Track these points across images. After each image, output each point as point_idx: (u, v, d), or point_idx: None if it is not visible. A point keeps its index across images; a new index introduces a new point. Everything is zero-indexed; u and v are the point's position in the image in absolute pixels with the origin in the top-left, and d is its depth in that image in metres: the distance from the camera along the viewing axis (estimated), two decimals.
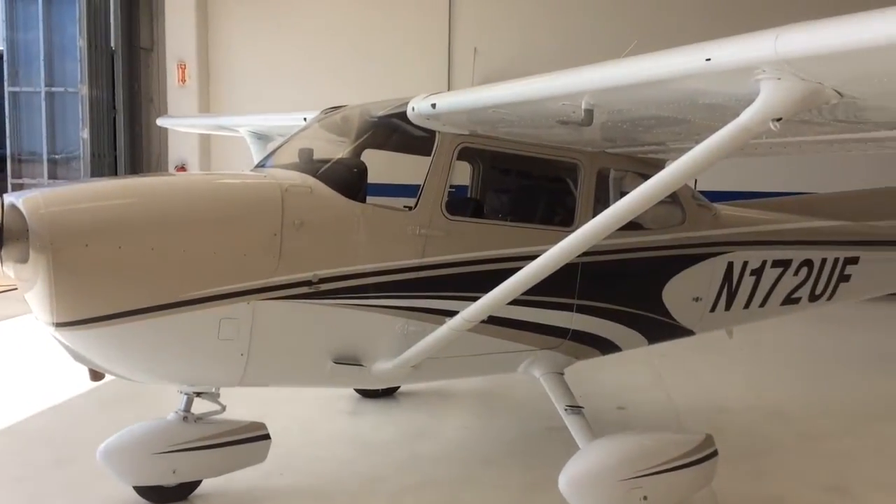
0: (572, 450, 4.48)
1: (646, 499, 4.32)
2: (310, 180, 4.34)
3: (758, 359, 8.97)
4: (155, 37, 16.15)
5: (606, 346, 5.31)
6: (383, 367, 4.47)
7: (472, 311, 4.09)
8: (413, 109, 4.41)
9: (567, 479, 4.30)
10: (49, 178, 15.61)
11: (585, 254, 4.10)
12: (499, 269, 4.47)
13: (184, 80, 15.35)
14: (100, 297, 3.77)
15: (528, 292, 4.05)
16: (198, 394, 4.82)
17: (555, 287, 4.55)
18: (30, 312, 4.02)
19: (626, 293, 5.22)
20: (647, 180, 3.36)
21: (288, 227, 4.10)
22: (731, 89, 3.02)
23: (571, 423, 4.62)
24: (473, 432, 6.43)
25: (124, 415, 6.09)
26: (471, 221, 4.80)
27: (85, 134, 15.39)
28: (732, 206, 6.17)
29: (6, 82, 15.91)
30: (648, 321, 5.38)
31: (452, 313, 4.21)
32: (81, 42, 15.16)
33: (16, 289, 4.23)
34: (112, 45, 15.90)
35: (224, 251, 4.00)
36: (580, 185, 4.98)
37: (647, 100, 3.49)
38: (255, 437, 5.00)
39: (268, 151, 5.57)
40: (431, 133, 4.53)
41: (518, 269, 3.91)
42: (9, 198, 3.74)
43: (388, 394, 7.17)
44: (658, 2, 14.38)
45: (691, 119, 3.76)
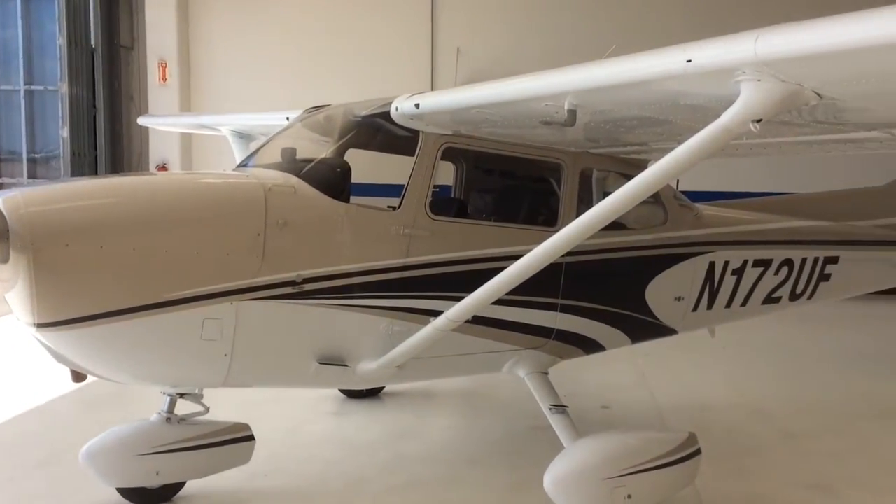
0: (557, 449, 4.50)
1: (630, 497, 4.34)
2: (293, 180, 4.33)
3: (740, 358, 9.02)
4: (135, 34, 16.02)
5: (590, 346, 5.33)
6: (368, 368, 4.46)
7: (456, 310, 4.10)
8: (397, 109, 4.41)
9: (552, 478, 4.32)
10: (29, 178, 15.45)
11: (569, 254, 4.12)
12: (483, 268, 4.48)
13: (165, 79, 15.26)
14: (81, 297, 3.74)
15: (512, 292, 4.06)
16: (181, 395, 4.81)
17: (539, 287, 4.56)
18: (10, 313, 3.98)
19: (609, 293, 5.25)
20: (629, 180, 3.39)
21: (271, 227, 4.09)
22: (711, 90, 3.05)
23: (556, 423, 4.64)
24: (458, 432, 6.44)
25: (107, 416, 6.06)
26: (455, 221, 4.81)
27: (65, 133, 15.24)
28: (714, 206, 6.22)
29: None
30: (632, 321, 5.41)
31: (437, 313, 4.22)
32: (61, 40, 15.00)
33: None
34: (92, 42, 15.74)
35: (207, 251, 3.98)
36: (563, 186, 5.00)
37: (629, 100, 3.52)
38: (239, 438, 4.98)
39: (250, 151, 5.56)
40: (415, 133, 4.54)
41: (502, 268, 3.92)
42: None
43: (373, 394, 7.16)
44: (642, 2, 14.44)
45: (673, 120, 3.79)
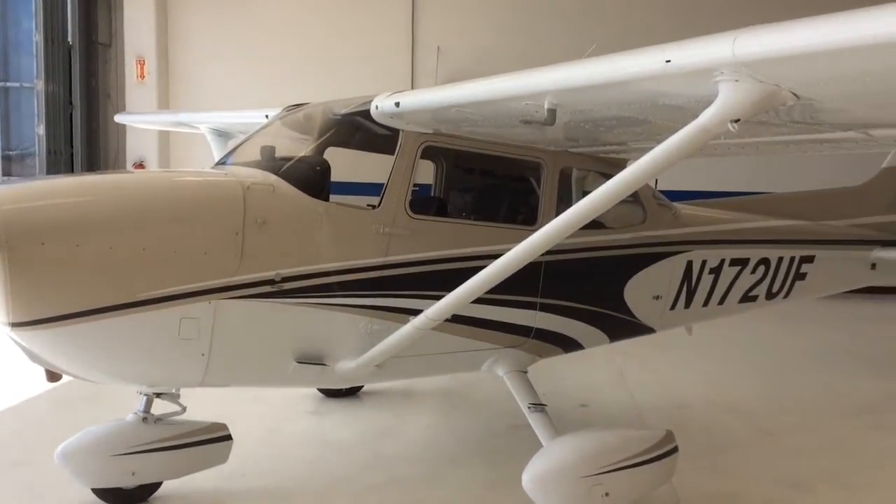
0: (536, 447, 4.51)
1: (607, 495, 4.36)
2: (272, 178, 4.31)
3: (717, 356, 9.10)
4: (113, 31, 15.88)
5: (569, 344, 5.35)
6: (347, 367, 4.45)
7: (435, 309, 4.09)
8: (377, 107, 4.40)
9: (530, 476, 4.33)
10: (3, 175, 15.22)
11: (548, 252, 4.13)
12: (462, 267, 4.49)
13: (143, 76, 15.14)
14: (57, 296, 3.70)
15: (491, 291, 4.06)
16: (157, 394, 4.76)
17: (518, 286, 4.58)
18: None
19: (588, 291, 5.28)
20: (608, 180, 3.40)
21: (250, 226, 4.06)
22: (690, 91, 3.07)
23: (535, 421, 4.65)
24: (438, 431, 6.44)
25: (82, 416, 6.00)
26: (434, 220, 4.80)
27: (41, 130, 15.06)
28: (692, 205, 6.27)
29: None
30: (610, 319, 5.44)
31: (416, 312, 4.21)
32: (38, 36, 14.81)
33: None
34: (69, 39, 15.56)
35: (184, 250, 3.95)
36: (543, 185, 5.02)
37: (608, 100, 3.53)
38: (216, 437, 4.95)
39: (229, 149, 5.52)
40: (395, 131, 4.53)
41: (482, 267, 3.92)
42: None
43: (352, 393, 7.14)
44: (625, 1, 14.50)
45: (652, 119, 3.81)
